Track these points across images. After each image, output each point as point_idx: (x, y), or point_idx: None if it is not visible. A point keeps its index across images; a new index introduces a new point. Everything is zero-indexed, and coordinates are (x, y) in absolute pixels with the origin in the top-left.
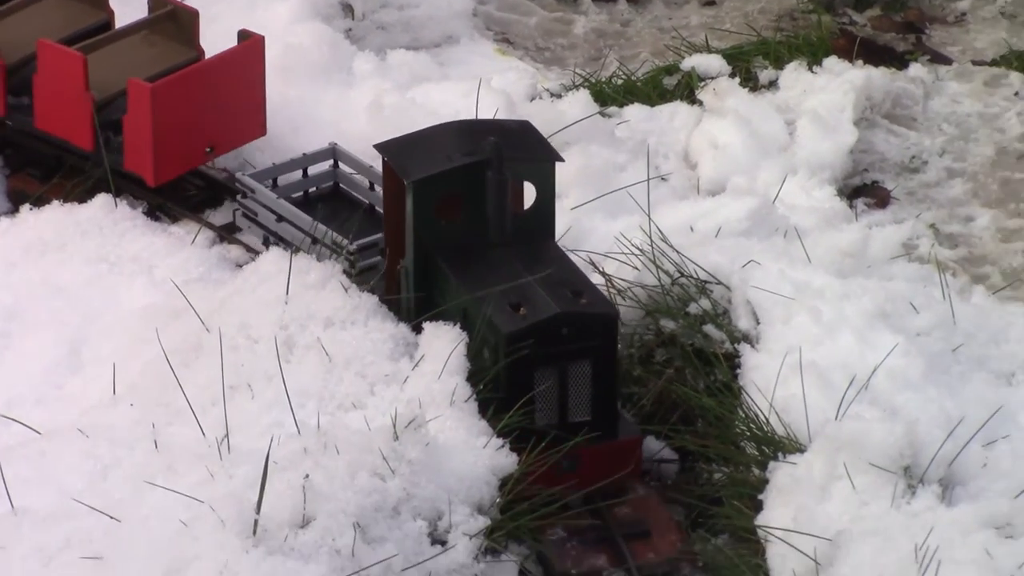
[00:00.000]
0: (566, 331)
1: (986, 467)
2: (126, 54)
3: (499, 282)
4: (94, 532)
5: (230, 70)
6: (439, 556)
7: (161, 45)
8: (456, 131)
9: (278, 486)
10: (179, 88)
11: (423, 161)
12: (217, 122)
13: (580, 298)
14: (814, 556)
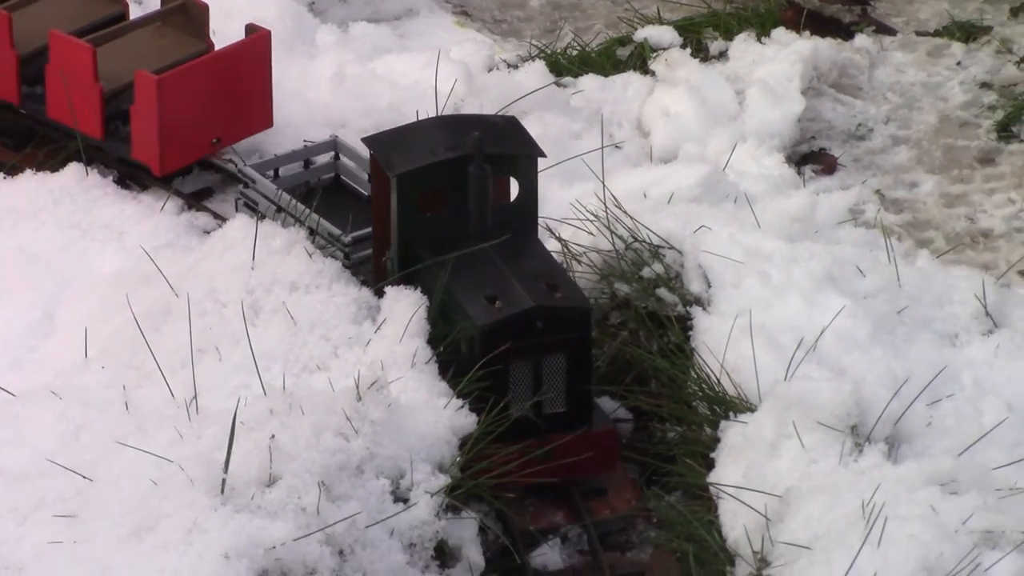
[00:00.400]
0: (540, 324)
1: (930, 426)
2: (137, 46)
3: (475, 275)
4: (67, 491)
5: (237, 63)
6: (401, 513)
7: (172, 37)
8: (441, 125)
9: (245, 446)
10: (185, 80)
11: (407, 155)
12: (224, 114)
13: (555, 292)
14: (764, 512)
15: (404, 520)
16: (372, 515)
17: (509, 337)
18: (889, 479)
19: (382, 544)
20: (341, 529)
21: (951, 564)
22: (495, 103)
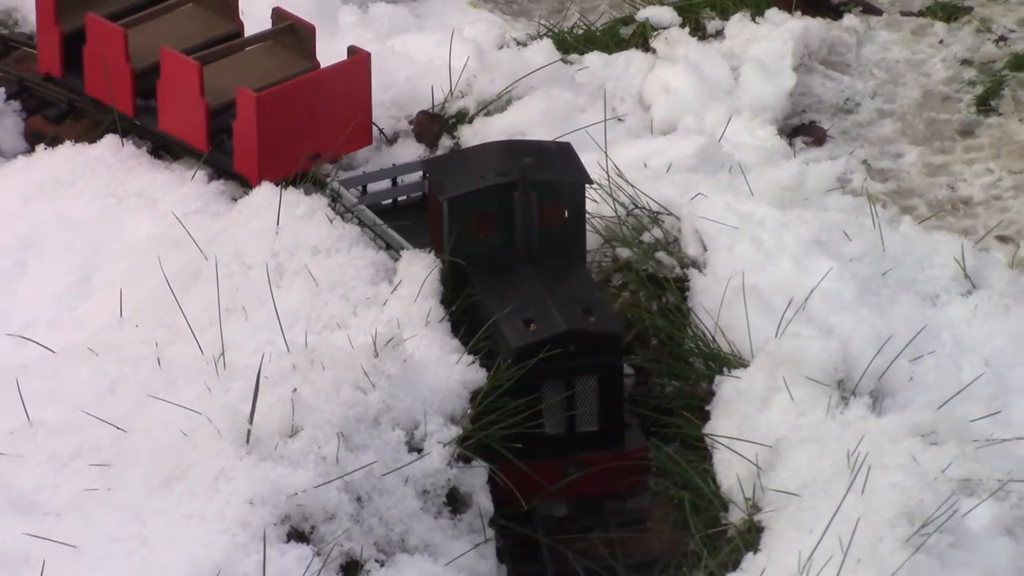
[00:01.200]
0: (573, 348)
1: (912, 380)
2: (247, 64)
3: (516, 297)
4: (102, 442)
5: (336, 83)
6: (415, 462)
7: (281, 57)
8: (496, 150)
9: (269, 399)
10: (284, 98)
11: (459, 179)
12: (322, 131)
13: (589, 316)
14: (756, 461)
15: (418, 468)
16: (388, 464)
17: (540, 359)
18: (873, 430)
19: (397, 491)
20: (359, 477)
21: (931, 510)
22: (505, 79)
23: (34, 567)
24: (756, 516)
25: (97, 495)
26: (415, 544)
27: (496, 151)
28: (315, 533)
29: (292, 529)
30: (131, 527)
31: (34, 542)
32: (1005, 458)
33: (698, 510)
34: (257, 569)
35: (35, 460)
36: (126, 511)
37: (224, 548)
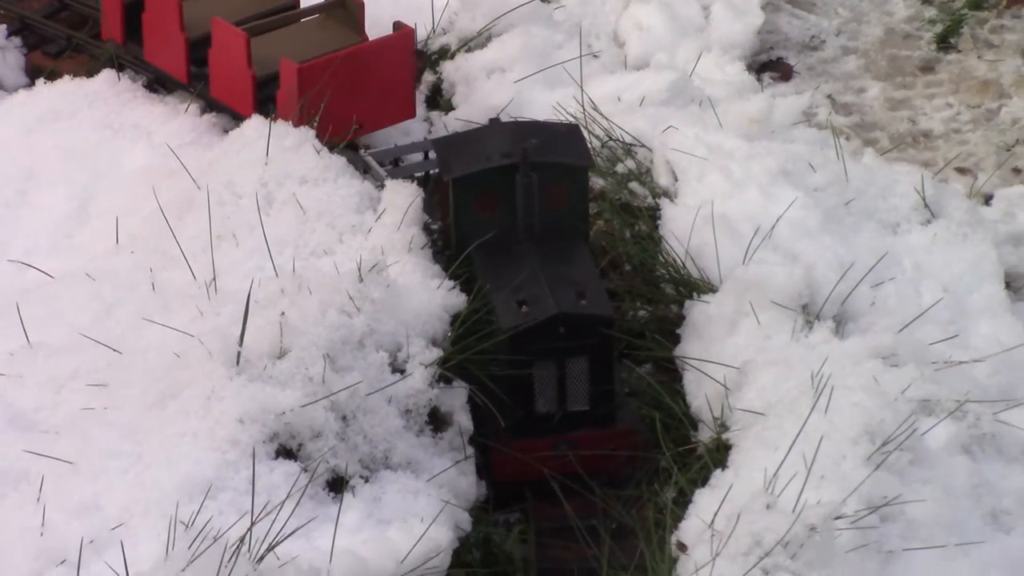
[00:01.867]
0: (563, 330)
1: (874, 305)
2: (298, 36)
3: (513, 276)
4: (99, 363)
5: (379, 56)
6: (398, 383)
7: (332, 30)
8: (504, 131)
9: (258, 322)
10: (325, 70)
11: (464, 159)
12: (365, 103)
13: (581, 299)
14: (724, 382)
15: (401, 389)
16: (372, 384)
17: (533, 340)
18: (836, 353)
19: (381, 410)
20: (344, 397)
21: (891, 429)
22: (486, 16)
23: (33, 483)
24: (724, 435)
25: (94, 414)
26: (398, 461)
27: (503, 132)
28: (302, 450)
29: (280, 446)
30: (126, 445)
31: (33, 459)
32: (962, 380)
33: (669, 429)
34: (247, 485)
35: (35, 380)
36: (122, 429)
37: (215, 465)
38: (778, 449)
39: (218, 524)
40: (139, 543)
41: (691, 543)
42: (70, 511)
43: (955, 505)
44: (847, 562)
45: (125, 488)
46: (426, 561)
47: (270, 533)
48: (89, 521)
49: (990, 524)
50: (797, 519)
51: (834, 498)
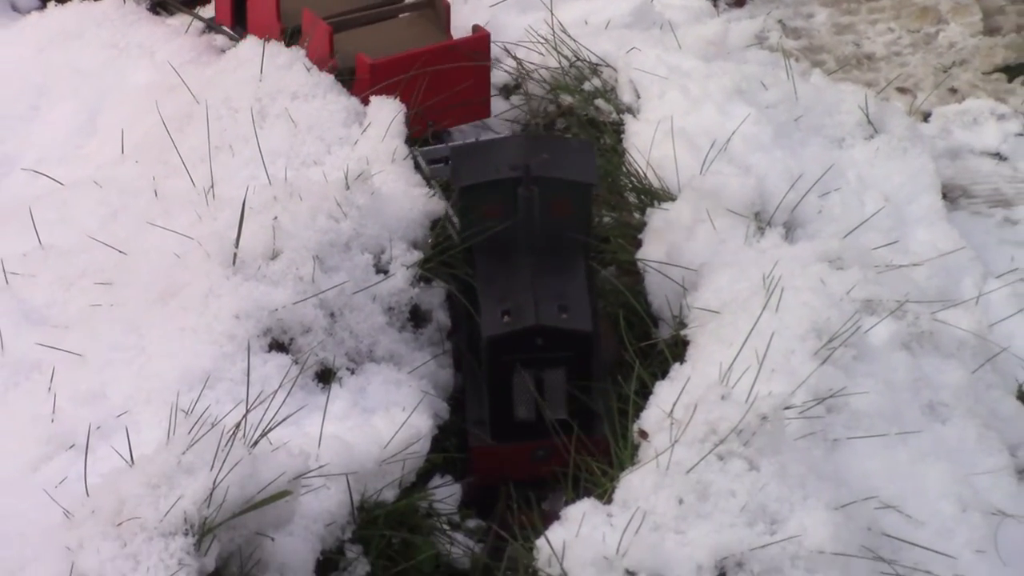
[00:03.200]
0: (541, 341)
1: (821, 213)
2: (387, 32)
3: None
4: (106, 263)
5: (453, 57)
6: (382, 283)
7: (420, 29)
8: (517, 144)
9: (253, 226)
10: (398, 66)
11: (474, 169)
12: (439, 101)
13: (564, 313)
14: (682, 283)
15: (384, 288)
16: (358, 284)
17: (512, 349)
18: (786, 256)
19: (366, 308)
20: (332, 295)
21: (836, 326)
22: None
23: (44, 373)
24: (682, 331)
25: (101, 310)
26: (382, 354)
27: (516, 144)
28: (293, 344)
29: (273, 340)
30: (130, 338)
31: (45, 351)
32: (902, 282)
33: (632, 326)
34: (242, 376)
35: (46, 279)
36: (126, 324)
37: (213, 357)
38: (732, 345)
39: (216, 412)
40: (142, 429)
41: (652, 431)
42: (78, 399)
43: (895, 397)
44: (795, 449)
45: (129, 378)
46: (407, 446)
47: (263, 420)
48: (96, 409)
49: (927, 415)
50: (749, 409)
51: (784, 390)
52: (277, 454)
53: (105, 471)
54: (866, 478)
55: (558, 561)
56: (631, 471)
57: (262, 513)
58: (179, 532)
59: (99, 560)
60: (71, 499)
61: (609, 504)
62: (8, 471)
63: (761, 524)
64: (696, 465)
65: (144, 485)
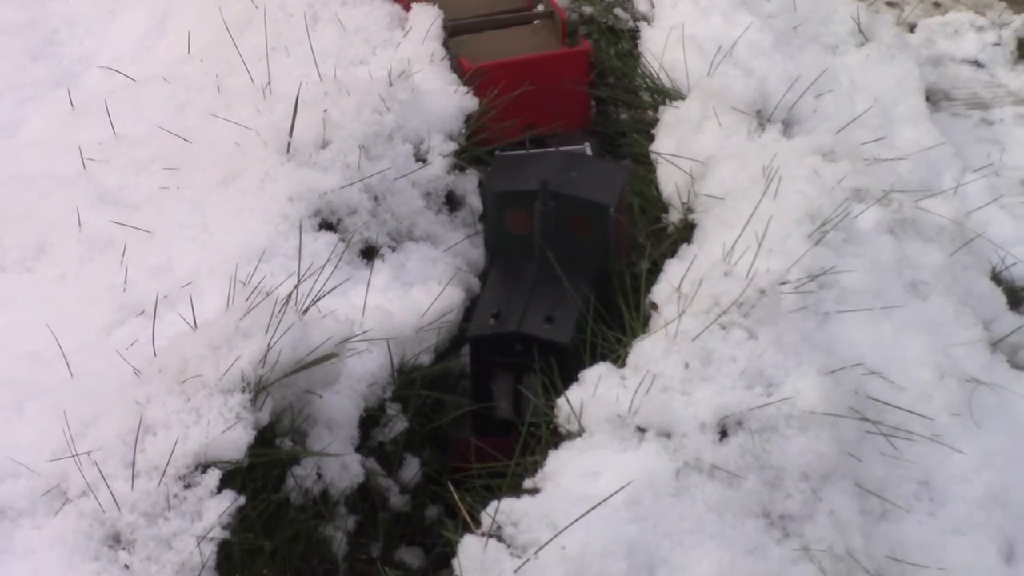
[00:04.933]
0: (519, 347)
1: (815, 112)
2: (509, 39)
3: (506, 289)
4: (173, 151)
5: (553, 67)
6: (421, 170)
7: (541, 37)
8: (554, 159)
9: (305, 118)
10: (499, 72)
11: (505, 178)
12: (538, 107)
13: (547, 323)
14: (690, 173)
15: (423, 175)
16: (399, 171)
17: (491, 351)
18: (784, 150)
19: (406, 192)
20: (375, 181)
21: (828, 212)
22: None
23: (117, 248)
24: (690, 216)
25: (168, 192)
26: (420, 234)
27: (553, 160)
28: (341, 224)
29: (322, 220)
30: (194, 218)
31: (118, 228)
32: (888, 174)
33: (645, 212)
34: (294, 251)
35: (119, 164)
36: (191, 205)
37: (268, 235)
38: (734, 227)
39: (270, 283)
40: (204, 298)
41: (661, 303)
42: (147, 271)
43: (880, 276)
44: (790, 320)
45: (193, 253)
46: (442, 316)
47: (313, 291)
48: (163, 280)
49: (909, 292)
50: (749, 284)
51: (780, 267)
52: (325, 321)
53: (171, 335)
54: (853, 347)
55: (576, 418)
56: (642, 338)
57: (311, 373)
58: (237, 389)
59: (165, 413)
60: (140, 360)
61: (622, 368)
62: (84, 335)
63: (759, 387)
64: (701, 334)
65: (206, 347)
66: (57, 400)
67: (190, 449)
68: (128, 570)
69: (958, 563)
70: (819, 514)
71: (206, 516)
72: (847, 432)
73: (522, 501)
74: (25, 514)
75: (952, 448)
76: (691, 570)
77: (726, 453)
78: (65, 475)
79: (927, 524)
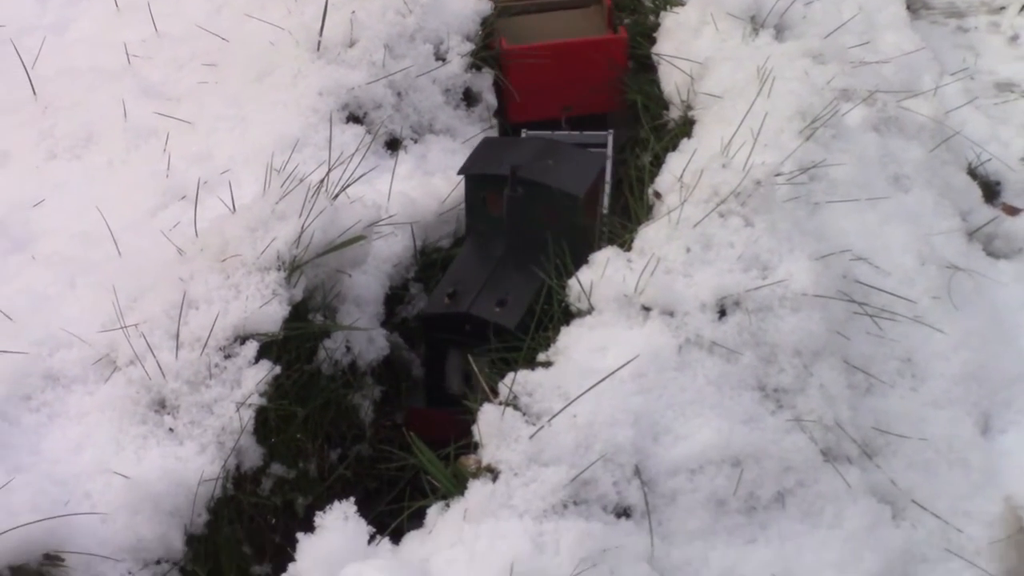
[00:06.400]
0: (469, 327)
1: (805, 19)
2: (555, 22)
3: (469, 269)
4: (211, 48)
5: (589, 53)
6: (440, 68)
7: (590, 22)
8: (535, 145)
9: (334, 19)
10: (534, 55)
11: (482, 161)
12: (571, 90)
13: (498, 307)
14: (690, 73)
15: (442, 73)
16: (420, 68)
17: (443, 329)
18: (776, 53)
19: (427, 89)
20: (399, 78)
21: (818, 110)
22: None
23: (160, 137)
24: (690, 113)
25: (207, 86)
26: (440, 127)
27: (533, 146)
28: (367, 117)
29: (350, 114)
30: (232, 110)
31: (161, 119)
32: (873, 76)
33: (647, 109)
34: (325, 142)
35: (161, 60)
36: (228, 98)
37: (301, 126)
38: (731, 123)
39: (303, 170)
40: (242, 184)
41: (664, 192)
42: (188, 159)
43: (866, 170)
44: (783, 209)
45: (231, 142)
46: (461, 203)
47: (343, 178)
48: (203, 167)
49: (893, 185)
50: (746, 175)
51: (774, 160)
52: (354, 205)
53: (211, 217)
54: (842, 235)
55: (587, 297)
56: (647, 225)
57: (341, 254)
58: (273, 267)
59: (207, 289)
60: (183, 240)
61: (629, 251)
62: (131, 217)
63: (754, 270)
64: (701, 221)
65: (244, 228)
66: (106, 276)
67: (230, 322)
68: (172, 433)
69: (938, 434)
70: (810, 388)
71: (244, 384)
72: (836, 312)
73: (536, 373)
74: (78, 381)
75: (933, 328)
76: (692, 437)
77: (724, 331)
78: (114, 345)
79: (909, 398)
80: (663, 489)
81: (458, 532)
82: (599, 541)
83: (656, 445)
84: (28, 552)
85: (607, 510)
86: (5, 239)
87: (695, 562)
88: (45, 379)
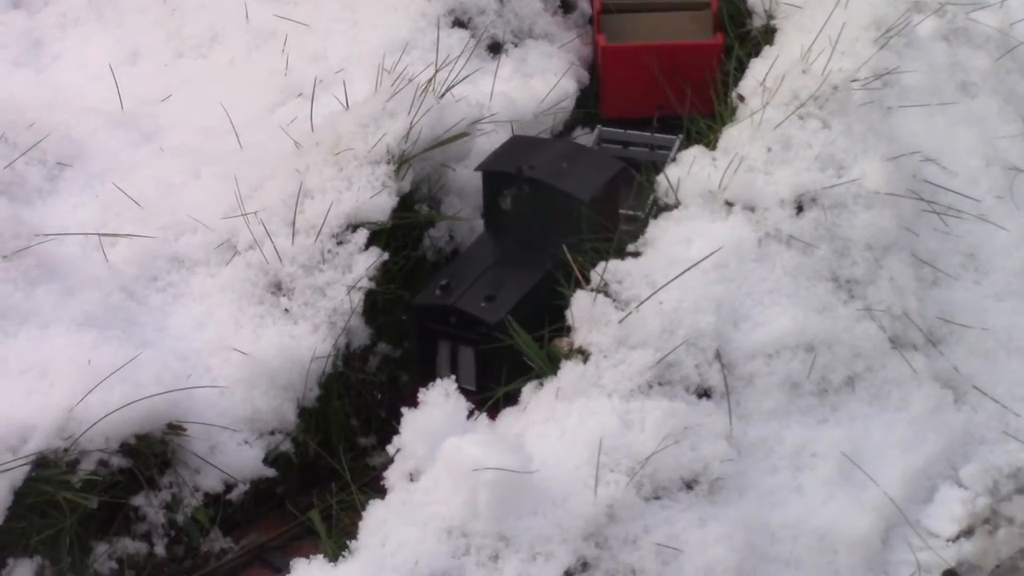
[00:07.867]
0: (455, 320)
1: None
2: (659, 23)
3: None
4: None
5: (683, 56)
6: None
7: (697, 25)
8: (555, 147)
9: None
10: (629, 55)
11: (501, 159)
12: (666, 91)
13: (485, 302)
14: None
15: None
16: None
17: (431, 320)
18: None
19: None
20: None
21: (892, 20)
22: None
23: (279, 38)
24: (771, 22)
25: None
26: (539, 32)
27: (554, 147)
28: (471, 22)
29: (456, 19)
30: (346, 13)
31: (279, 21)
32: None
33: (732, 18)
34: (432, 45)
35: None
36: (343, 3)
37: (410, 30)
38: (811, 32)
39: (412, 71)
40: (355, 83)
41: (747, 95)
42: (305, 59)
43: (936, 77)
44: (858, 113)
45: (345, 44)
46: (558, 103)
47: (448, 79)
48: (319, 66)
49: (960, 91)
50: (824, 80)
51: (851, 67)
52: (458, 104)
53: (326, 113)
54: (912, 138)
55: (674, 192)
56: (731, 126)
57: (446, 149)
58: (383, 161)
59: (321, 180)
60: (300, 134)
61: (713, 151)
62: (251, 112)
63: (831, 169)
64: (782, 123)
65: (356, 124)
66: (228, 167)
67: (342, 211)
68: (288, 313)
69: (998, 324)
70: (880, 279)
71: (355, 269)
72: (906, 210)
73: (626, 262)
74: (201, 263)
75: (996, 225)
76: (769, 324)
77: (801, 225)
78: (235, 231)
79: (972, 291)
80: (741, 372)
81: (551, 409)
82: (681, 419)
83: (736, 331)
84: (153, 422)
85: (689, 391)
86: (135, 131)
87: (770, 440)
88: (171, 261)
